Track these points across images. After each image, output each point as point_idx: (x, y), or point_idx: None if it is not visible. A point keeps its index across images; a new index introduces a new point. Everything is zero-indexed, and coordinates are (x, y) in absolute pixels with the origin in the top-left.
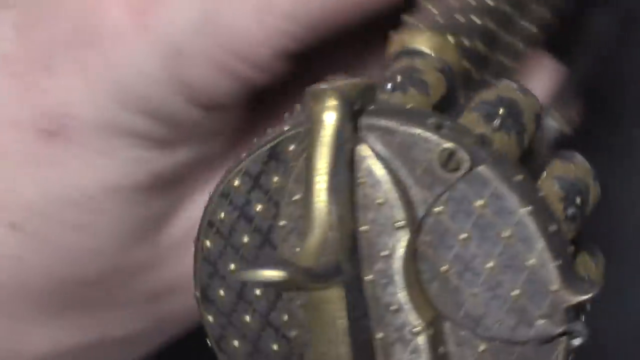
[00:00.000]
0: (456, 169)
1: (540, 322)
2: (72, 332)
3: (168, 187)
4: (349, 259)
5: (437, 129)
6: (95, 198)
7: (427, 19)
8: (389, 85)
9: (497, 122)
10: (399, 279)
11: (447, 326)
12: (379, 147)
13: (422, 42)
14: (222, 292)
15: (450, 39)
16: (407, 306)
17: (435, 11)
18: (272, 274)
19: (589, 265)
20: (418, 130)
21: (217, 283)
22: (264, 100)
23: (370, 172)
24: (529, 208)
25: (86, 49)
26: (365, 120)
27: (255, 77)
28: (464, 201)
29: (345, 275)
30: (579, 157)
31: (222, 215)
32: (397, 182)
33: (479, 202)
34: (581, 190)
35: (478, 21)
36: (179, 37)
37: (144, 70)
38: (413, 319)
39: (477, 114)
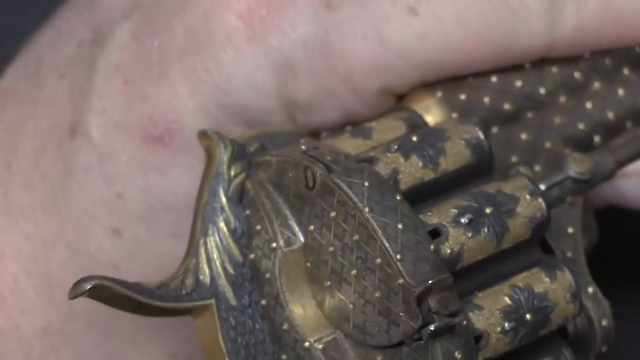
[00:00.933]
0: (314, 186)
1: (403, 318)
2: None
3: None
4: (232, 284)
5: (304, 153)
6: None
7: (440, 84)
8: (325, 133)
9: (393, 146)
10: (282, 298)
11: (348, 342)
12: (262, 179)
13: (408, 100)
14: None
15: (439, 94)
16: (294, 323)
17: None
18: (83, 285)
19: (540, 280)
20: (285, 158)
21: None
22: None
23: (252, 203)
24: (367, 208)
25: (197, 55)
26: (257, 159)
27: (357, 108)
28: (323, 215)
29: (221, 298)
30: (521, 177)
31: None
32: (274, 209)
33: (332, 213)
34: (494, 201)
35: (499, 81)
36: (290, 51)
37: (251, 80)
38: (302, 336)
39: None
